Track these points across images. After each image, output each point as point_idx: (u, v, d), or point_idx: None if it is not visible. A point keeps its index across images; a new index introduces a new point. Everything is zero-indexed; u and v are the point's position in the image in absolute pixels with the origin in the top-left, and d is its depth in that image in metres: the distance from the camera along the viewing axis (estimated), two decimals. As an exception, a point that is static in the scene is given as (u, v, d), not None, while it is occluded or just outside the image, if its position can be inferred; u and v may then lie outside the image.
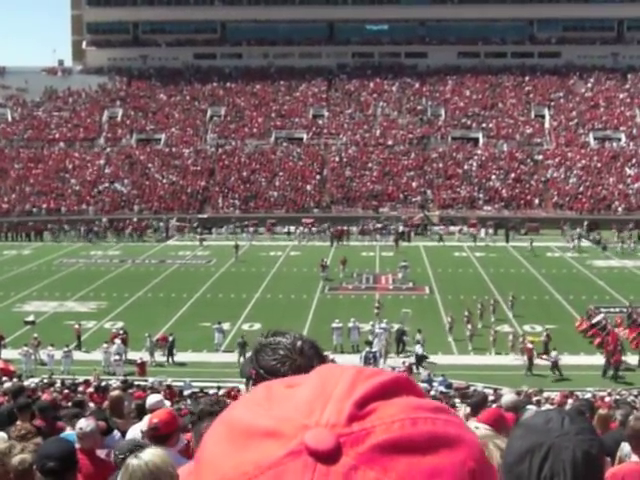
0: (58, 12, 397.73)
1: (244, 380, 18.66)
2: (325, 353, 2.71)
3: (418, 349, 39.07)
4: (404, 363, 37.47)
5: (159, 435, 7.26)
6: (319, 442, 0.99)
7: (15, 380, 27.13)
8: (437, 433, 1.03)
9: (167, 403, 15.05)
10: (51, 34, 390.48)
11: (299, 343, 2.60)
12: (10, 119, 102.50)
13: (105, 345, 39.98)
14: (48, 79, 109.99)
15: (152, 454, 4.91)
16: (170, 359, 40.29)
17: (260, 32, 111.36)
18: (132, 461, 4.87)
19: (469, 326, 41.73)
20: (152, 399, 10.98)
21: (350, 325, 41.64)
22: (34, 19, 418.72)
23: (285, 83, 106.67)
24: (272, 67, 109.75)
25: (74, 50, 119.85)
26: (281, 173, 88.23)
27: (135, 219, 79.01)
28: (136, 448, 6.30)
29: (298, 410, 1.04)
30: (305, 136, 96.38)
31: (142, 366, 38.53)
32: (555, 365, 37.76)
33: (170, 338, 40.44)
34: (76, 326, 42.90)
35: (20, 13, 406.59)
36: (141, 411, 12.17)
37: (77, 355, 39.90)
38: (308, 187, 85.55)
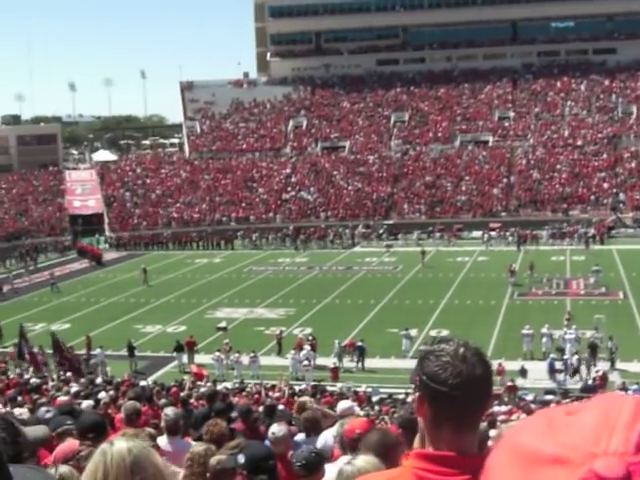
0: (242, 25, 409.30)
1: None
2: (488, 360, 2.59)
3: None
4: (597, 372, 36.05)
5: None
6: (610, 470, 1.00)
7: (209, 384, 27.57)
8: None
9: (357, 409, 14.80)
10: (236, 47, 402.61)
11: (462, 350, 2.54)
12: (199, 131, 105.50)
13: (293, 351, 40.30)
14: (234, 91, 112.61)
15: (365, 461, 4.99)
16: (360, 365, 40.17)
17: (442, 35, 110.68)
18: (346, 467, 5.01)
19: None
20: (343, 405, 10.77)
21: (543, 331, 40.39)
22: (219, 34, 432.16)
23: (469, 86, 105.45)
24: (455, 70, 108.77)
25: (259, 62, 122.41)
26: (467, 177, 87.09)
27: (322, 226, 79.71)
28: (315, 455, 6.72)
29: (584, 438, 1.05)
30: (491, 139, 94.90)
31: (335, 371, 38.59)
32: None
33: (360, 344, 40.32)
34: (277, 332, 43.57)
35: (206, 29, 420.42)
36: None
37: (264, 360, 40.36)
38: (495, 191, 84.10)
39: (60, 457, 6.53)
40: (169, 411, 10.02)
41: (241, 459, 6.34)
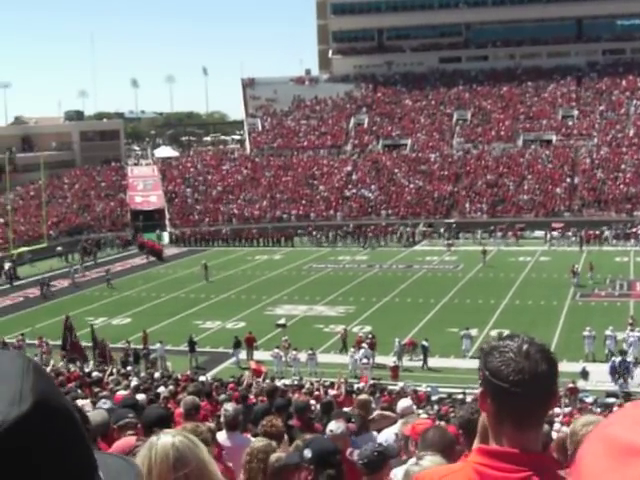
0: (304, 23, 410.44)
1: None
2: (555, 357, 2.60)
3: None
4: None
5: None
6: None
7: (267, 381, 27.55)
8: None
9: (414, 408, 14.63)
10: (297, 44, 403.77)
11: (526, 346, 2.55)
12: (260, 128, 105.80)
13: (352, 349, 40.20)
14: (296, 88, 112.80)
15: (431, 461, 5.01)
16: (424, 365, 39.96)
17: (506, 33, 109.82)
18: (413, 468, 5.02)
19: None
20: (403, 403, 10.66)
21: (607, 333, 39.83)
22: (281, 31, 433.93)
23: (532, 84, 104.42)
24: (519, 68, 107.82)
25: (320, 59, 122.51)
26: (529, 176, 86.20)
27: (383, 224, 79.52)
28: (378, 454, 6.68)
29: None
30: (554, 138, 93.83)
31: (395, 370, 38.45)
32: None
33: (424, 343, 40.09)
34: (341, 330, 43.53)
35: (268, 26, 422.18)
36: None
37: (323, 358, 40.33)
38: (558, 190, 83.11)
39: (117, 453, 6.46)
40: (228, 406, 10.04)
41: (308, 453, 6.31)
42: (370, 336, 41.75)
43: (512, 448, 2.47)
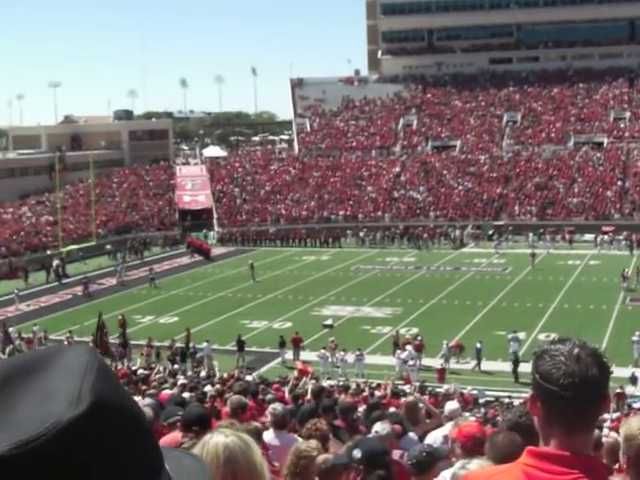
0: (353, 23, 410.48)
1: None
2: (607, 362, 2.53)
3: None
4: None
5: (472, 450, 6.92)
6: None
7: (313, 382, 27.49)
8: None
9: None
10: (346, 45, 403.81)
11: (576, 350, 2.51)
12: (309, 129, 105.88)
13: (399, 351, 40.06)
14: (345, 89, 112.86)
15: (479, 465, 4.92)
16: (478, 367, 39.74)
17: (557, 34, 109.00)
18: (460, 472, 4.98)
19: None
20: (451, 406, 10.55)
21: (657, 338, 39.35)
22: (330, 31, 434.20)
23: (584, 85, 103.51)
24: (570, 69, 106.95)
25: (370, 59, 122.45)
26: (580, 179, 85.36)
27: (431, 226, 79.16)
28: (427, 455, 6.69)
29: None
30: (606, 140, 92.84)
31: (442, 372, 38.28)
32: None
33: (478, 345, 39.84)
34: (393, 333, 43.53)
35: (317, 26, 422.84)
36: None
37: (370, 359, 40.25)
38: (609, 193, 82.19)
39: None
40: (277, 405, 10.01)
41: (357, 454, 6.27)
42: (419, 338, 41.56)
43: (561, 450, 2.44)
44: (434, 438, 9.23)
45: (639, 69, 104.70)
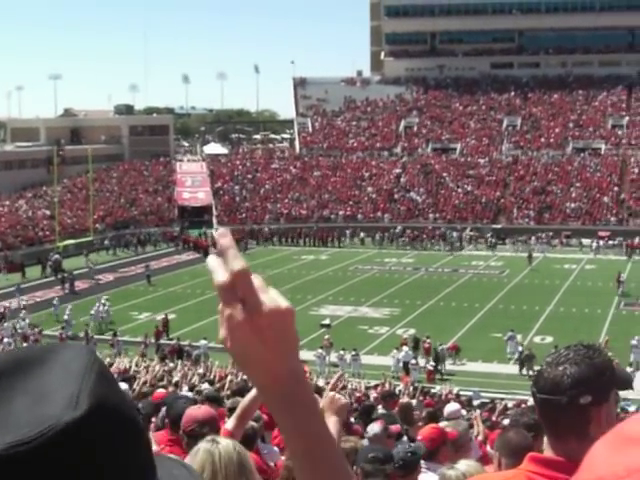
0: (357, 24, 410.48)
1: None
2: (594, 366, 2.54)
3: None
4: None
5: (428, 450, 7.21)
6: None
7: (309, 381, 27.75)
8: None
9: (463, 412, 14.76)
10: (350, 45, 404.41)
11: (564, 356, 2.56)
12: (310, 128, 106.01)
13: (395, 351, 40.36)
14: (347, 89, 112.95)
15: (467, 464, 5.08)
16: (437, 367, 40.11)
17: (558, 40, 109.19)
18: (449, 472, 5.06)
19: None
20: (451, 407, 10.81)
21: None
22: (334, 31, 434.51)
23: (583, 92, 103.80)
24: (570, 76, 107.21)
25: (372, 61, 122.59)
26: (577, 184, 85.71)
27: (430, 227, 79.40)
28: (411, 454, 6.63)
29: None
30: (603, 147, 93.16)
31: (430, 373, 38.67)
32: None
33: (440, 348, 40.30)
34: (404, 336, 43.74)
35: (320, 26, 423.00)
36: (432, 419, 12.01)
37: (366, 359, 40.52)
38: (605, 199, 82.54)
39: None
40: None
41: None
42: (428, 340, 41.81)
43: (561, 457, 2.47)
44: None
45: (637, 77, 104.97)
